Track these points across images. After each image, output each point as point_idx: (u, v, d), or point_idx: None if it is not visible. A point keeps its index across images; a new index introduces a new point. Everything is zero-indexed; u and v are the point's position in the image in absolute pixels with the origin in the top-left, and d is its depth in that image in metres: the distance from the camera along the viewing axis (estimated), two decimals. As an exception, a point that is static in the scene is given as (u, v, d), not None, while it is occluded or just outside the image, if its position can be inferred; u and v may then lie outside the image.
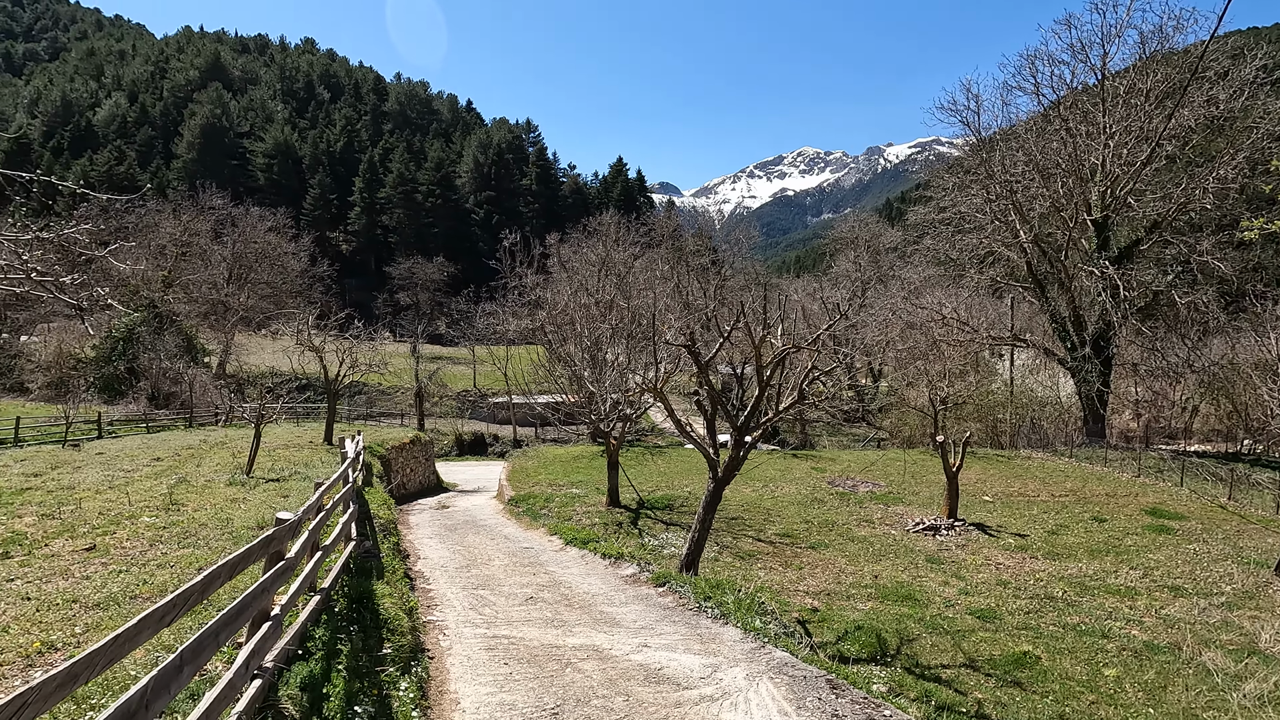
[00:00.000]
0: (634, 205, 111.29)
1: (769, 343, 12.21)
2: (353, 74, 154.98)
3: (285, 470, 18.52)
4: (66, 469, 18.19)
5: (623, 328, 23.08)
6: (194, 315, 51.73)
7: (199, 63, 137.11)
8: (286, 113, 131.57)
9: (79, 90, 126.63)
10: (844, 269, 56.32)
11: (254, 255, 58.53)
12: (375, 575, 8.42)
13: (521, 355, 42.75)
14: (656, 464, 27.10)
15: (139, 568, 9.38)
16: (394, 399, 53.57)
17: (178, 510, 12.96)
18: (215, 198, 64.05)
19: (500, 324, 48.65)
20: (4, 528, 11.41)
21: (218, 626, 3.46)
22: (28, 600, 8.14)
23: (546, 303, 34.61)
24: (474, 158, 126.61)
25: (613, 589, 10.07)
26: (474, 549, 13.53)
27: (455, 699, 6.23)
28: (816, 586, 13.62)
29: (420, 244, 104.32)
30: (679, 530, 16.65)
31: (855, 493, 21.04)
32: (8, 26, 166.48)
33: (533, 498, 19.50)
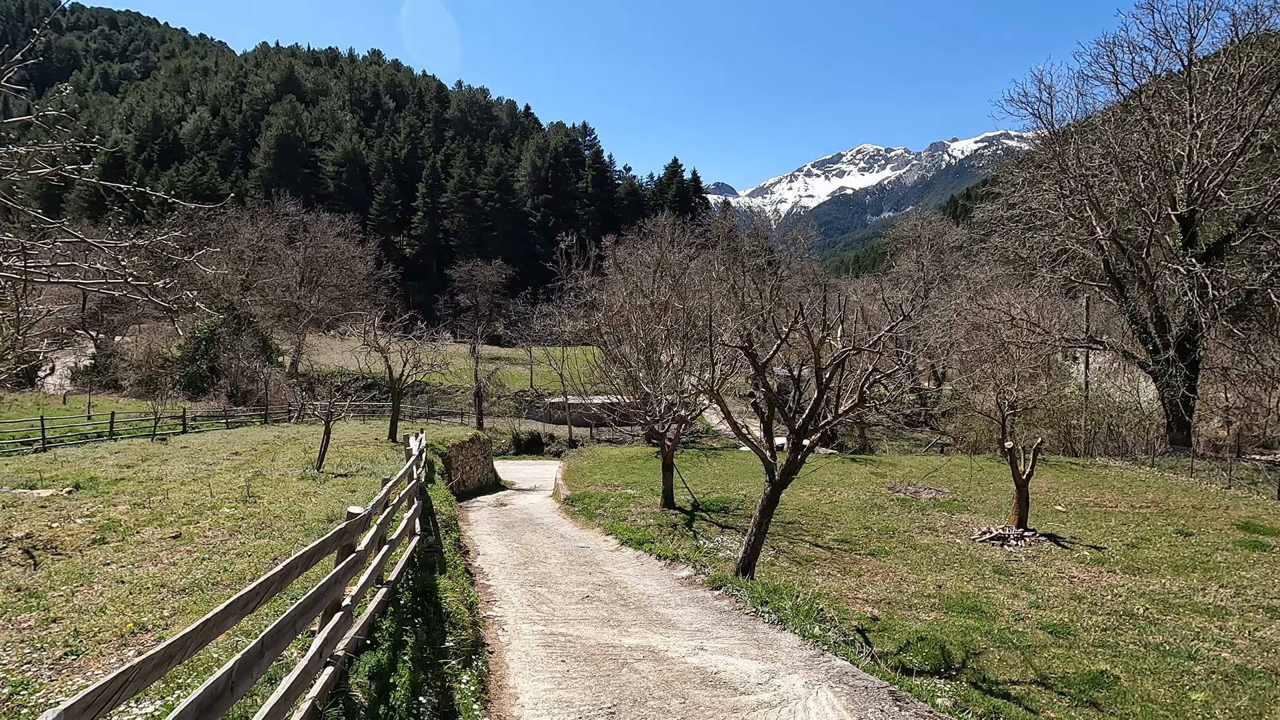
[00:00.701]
0: (689, 206, 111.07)
1: (828, 344, 11.99)
2: (416, 83, 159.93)
3: (353, 466, 19.26)
4: (155, 461, 19.39)
5: (678, 329, 23.07)
6: (269, 317, 54.42)
7: (274, 77, 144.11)
8: (354, 122, 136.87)
9: (167, 106, 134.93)
10: (905, 268, 54.73)
11: (324, 259, 61.14)
12: (438, 570, 8.66)
13: (577, 356, 43.23)
14: (711, 466, 26.95)
15: (220, 556, 9.92)
16: (454, 398, 55.00)
17: (254, 502, 13.64)
18: (289, 205, 67.23)
19: (557, 325, 49.34)
20: (102, 515, 12.25)
21: (295, 614, 3.63)
22: (122, 584, 8.71)
23: (602, 304, 34.95)
24: (531, 162, 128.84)
25: (668, 590, 10.07)
26: (531, 546, 13.76)
27: (514, 694, 6.35)
28: (876, 595, 13.28)
29: (480, 247, 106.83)
30: (734, 533, 16.52)
31: (917, 499, 20.42)
32: (106, 49, 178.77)
33: (588, 497, 19.68)
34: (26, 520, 11.78)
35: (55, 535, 10.93)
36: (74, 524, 11.64)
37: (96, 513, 12.42)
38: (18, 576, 8.88)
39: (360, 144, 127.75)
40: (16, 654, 6.69)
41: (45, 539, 10.70)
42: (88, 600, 8.10)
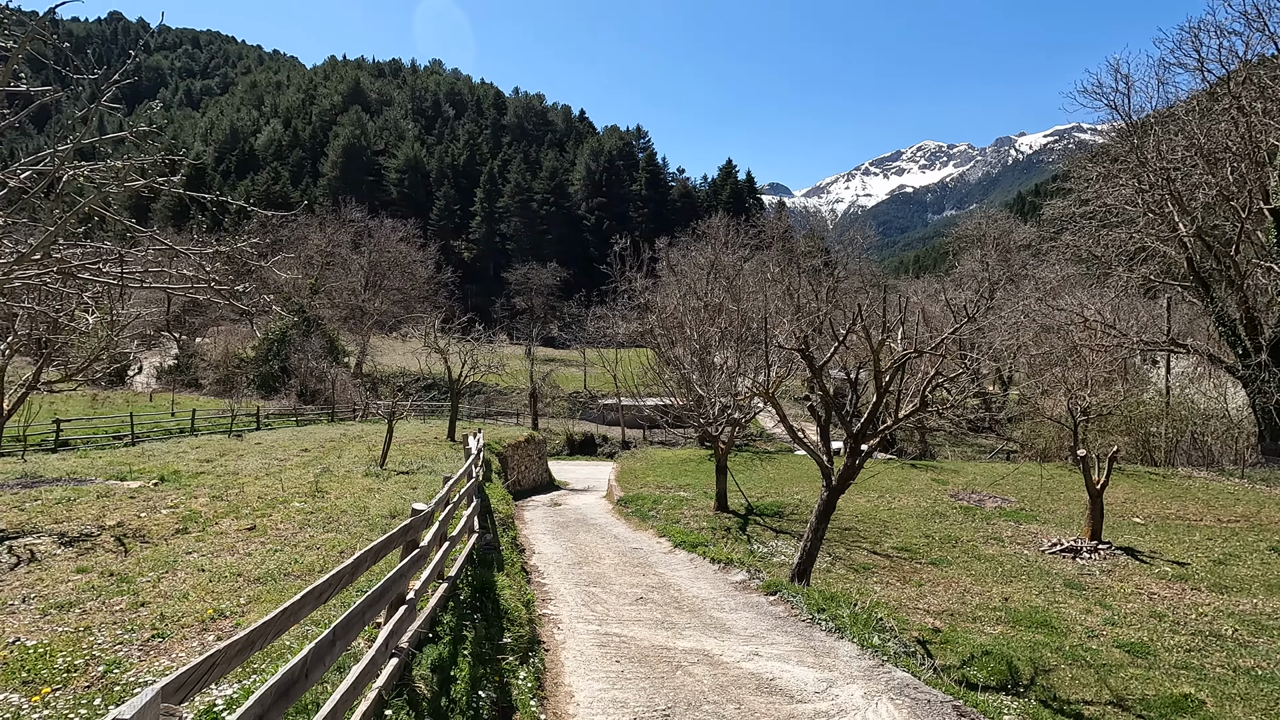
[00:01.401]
0: (743, 207, 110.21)
1: (888, 347, 11.69)
2: (474, 90, 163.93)
3: (413, 464, 19.84)
4: (231, 456, 20.41)
5: (732, 331, 22.89)
6: (336, 319, 56.67)
7: (341, 89, 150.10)
8: (416, 130, 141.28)
9: (243, 119, 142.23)
10: (969, 268, 52.85)
11: (387, 263, 63.28)
12: (496, 567, 8.83)
13: (631, 358, 43.41)
14: (765, 470, 26.63)
15: (291, 548, 10.36)
16: (510, 399, 56.02)
17: (322, 497, 14.21)
18: (354, 211, 69.89)
19: (610, 327, 49.69)
20: (184, 507, 12.97)
21: (364, 606, 3.77)
22: (202, 572, 9.20)
23: (655, 306, 34.99)
24: (586, 165, 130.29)
25: (722, 594, 10.00)
26: (585, 546, 13.88)
27: (570, 692, 6.42)
28: (938, 605, 12.85)
29: (535, 250, 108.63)
30: (789, 538, 16.28)
31: (982, 507, 19.68)
32: (189, 67, 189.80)
33: (641, 499, 19.73)
34: (118, 510, 12.59)
35: (143, 524, 11.64)
36: (159, 514, 12.37)
37: (179, 504, 13.16)
38: (110, 562, 9.49)
39: (421, 151, 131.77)
40: (110, 635, 7.16)
41: (134, 528, 11.41)
42: (172, 586, 8.59)
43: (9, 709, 5.21)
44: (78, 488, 14.69)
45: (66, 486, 14.84)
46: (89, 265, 5.60)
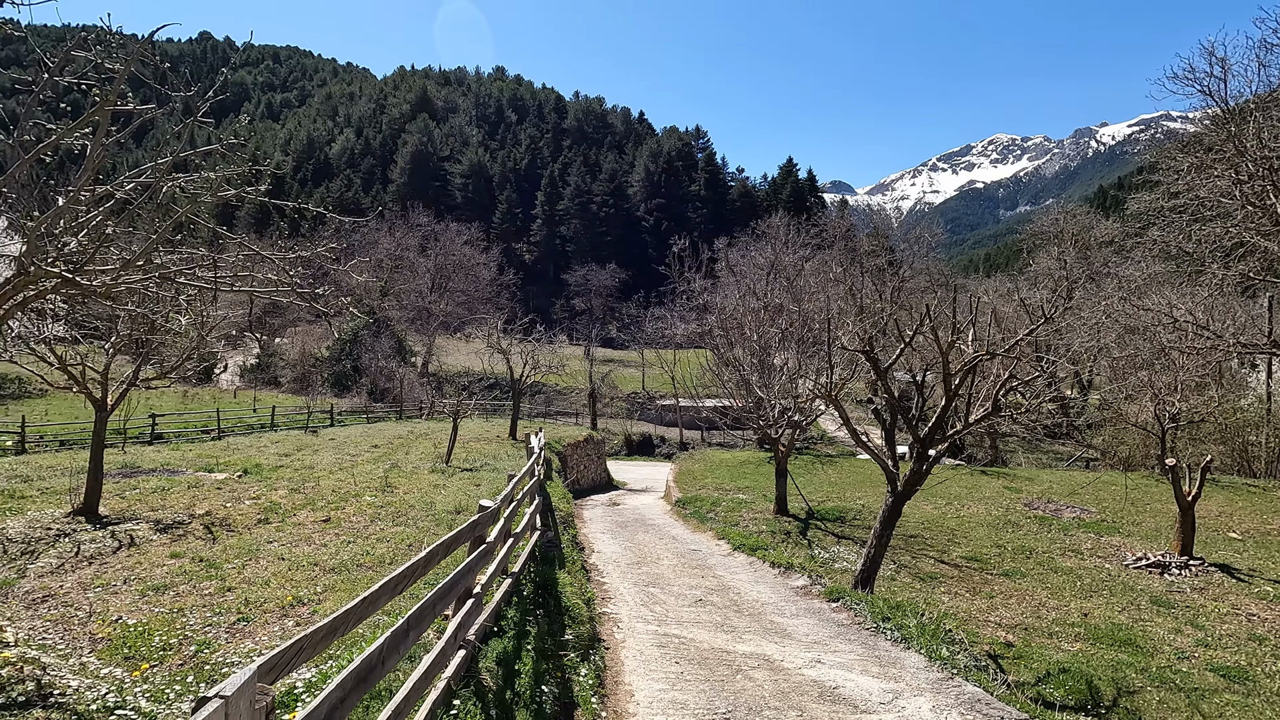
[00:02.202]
0: (804, 206, 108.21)
1: (958, 348, 11.28)
2: (536, 96, 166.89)
3: (477, 461, 20.35)
4: (307, 451, 21.41)
5: (793, 332, 22.53)
6: (404, 320, 58.73)
7: (410, 97, 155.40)
8: (480, 136, 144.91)
9: (319, 129, 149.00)
10: (1045, 266, 50.37)
11: (452, 266, 65.16)
12: (557, 564, 8.97)
13: (689, 359, 43.31)
14: (826, 473, 26.10)
15: (362, 540, 10.79)
16: (569, 399, 56.75)
17: (391, 492, 14.75)
18: (421, 216, 72.26)
19: (668, 328, 49.71)
20: (265, 498, 13.69)
21: (435, 599, 3.90)
22: (282, 560, 9.69)
23: (714, 307, 34.77)
24: (645, 167, 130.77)
25: (783, 599, 9.86)
26: (644, 547, 13.93)
27: (630, 691, 6.46)
28: (1010, 619, 12.31)
29: (594, 252, 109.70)
30: (851, 544, 15.90)
31: (1058, 518, 18.73)
32: (270, 81, 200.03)
33: (699, 500, 19.65)
34: (206, 500, 13.40)
35: (229, 514, 12.34)
36: (243, 505, 13.10)
37: (261, 495, 13.91)
38: (200, 549, 10.11)
39: (485, 156, 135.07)
40: (200, 617, 7.62)
41: (220, 517, 12.11)
42: (255, 573, 9.08)
43: (114, 681, 5.61)
44: (171, 478, 15.71)
45: (161, 477, 15.89)
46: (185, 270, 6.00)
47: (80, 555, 9.58)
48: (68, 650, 6.54)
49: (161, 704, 5.24)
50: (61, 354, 12.29)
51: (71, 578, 8.70)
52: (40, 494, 13.30)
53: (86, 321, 14.49)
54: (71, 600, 7.97)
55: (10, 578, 8.54)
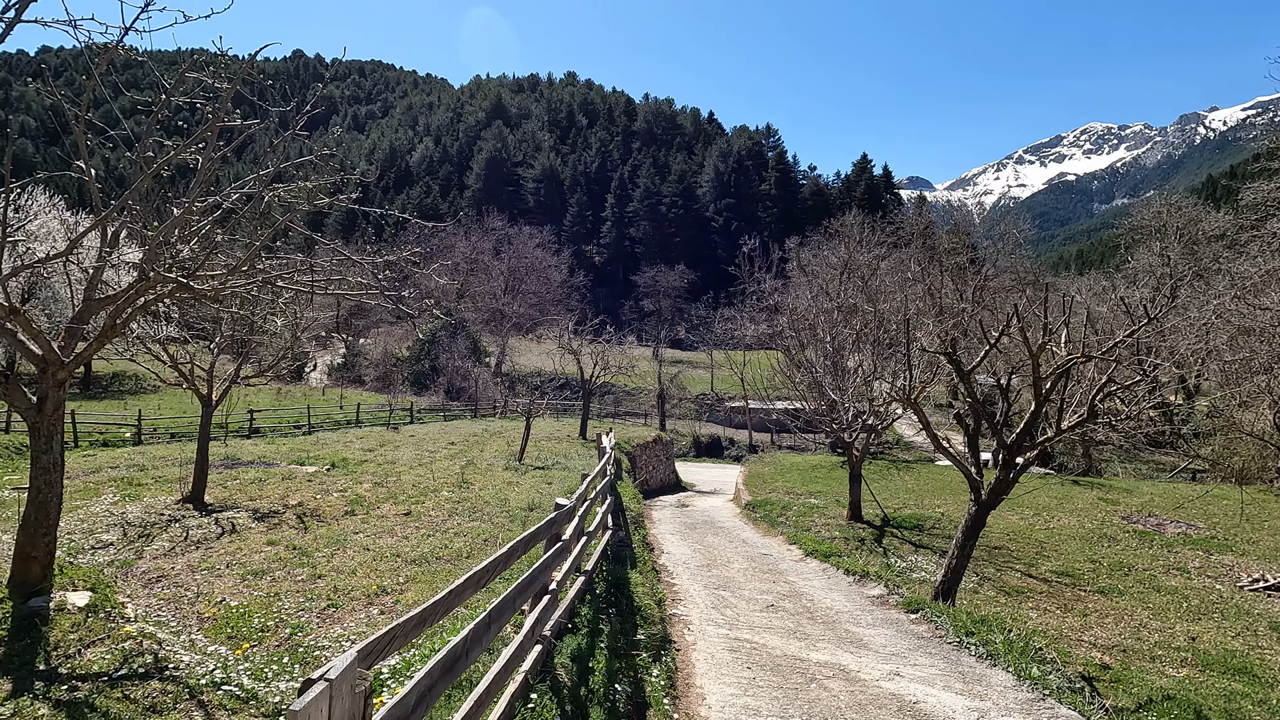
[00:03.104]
0: (879, 204, 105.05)
1: (1049, 350, 10.67)
2: (606, 99, 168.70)
3: (549, 460, 20.73)
4: (389, 447, 22.34)
5: (867, 333, 21.87)
6: (478, 322, 60.53)
7: (485, 105, 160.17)
8: (551, 141, 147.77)
9: (400, 139, 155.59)
10: (1146, 263, 46.93)
11: (525, 269, 66.72)
12: (629, 564, 9.02)
13: (759, 360, 42.76)
14: (903, 479, 25.21)
15: (441, 534, 11.17)
16: (638, 399, 57.04)
17: (467, 488, 15.21)
18: (495, 220, 74.35)
19: (738, 329, 49.25)
20: (351, 491, 14.37)
21: (514, 594, 4.00)
22: (367, 551, 10.14)
23: (785, 307, 34.18)
24: (714, 167, 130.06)
25: (858, 608, 9.59)
26: (713, 549, 13.83)
27: (701, 694, 6.42)
28: (1106, 639, 11.53)
29: (663, 253, 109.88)
30: (929, 554, 15.30)
31: (1161, 533, 17.43)
32: (356, 94, 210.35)
33: (770, 504, 19.36)
34: (299, 491, 14.19)
35: (319, 505, 13.03)
36: (331, 497, 13.81)
37: (347, 488, 14.61)
38: (293, 537, 10.71)
39: (556, 161, 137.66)
40: (293, 602, 8.07)
41: (311, 508, 12.80)
42: (342, 562, 9.55)
43: (219, 659, 6.02)
44: (267, 470, 16.73)
45: (258, 468, 16.95)
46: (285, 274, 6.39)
47: (188, 540, 10.33)
48: (179, 628, 7.06)
49: (261, 682, 5.59)
50: (173, 353, 13.30)
51: (181, 560, 9.40)
52: (154, 482, 14.43)
53: (194, 323, 15.65)
54: (181, 581, 8.61)
55: (130, 558, 9.30)
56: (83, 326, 6.13)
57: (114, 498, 12.77)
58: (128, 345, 14.25)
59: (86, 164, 6.05)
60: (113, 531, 10.51)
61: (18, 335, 5.54)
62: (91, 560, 9.00)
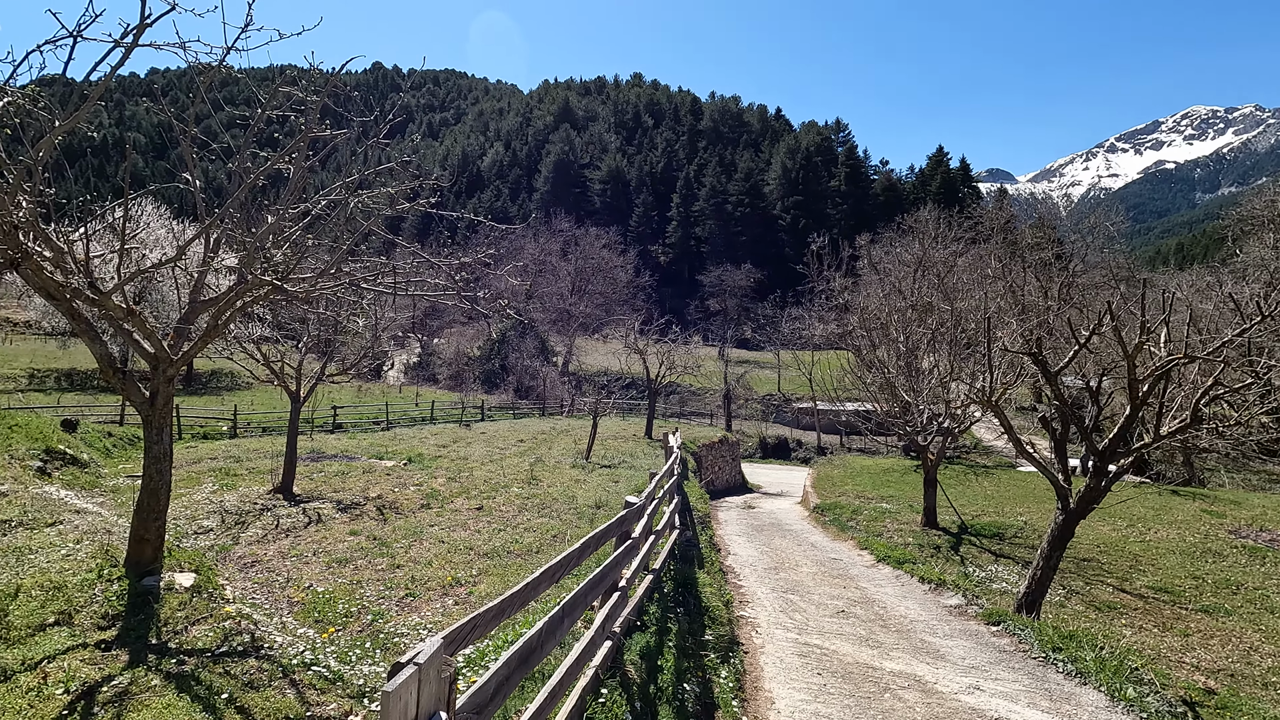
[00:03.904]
0: (956, 198, 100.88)
1: (1146, 351, 10.00)
2: (672, 99, 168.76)
3: (615, 459, 20.91)
4: (462, 443, 23.04)
5: (943, 333, 21.05)
6: (546, 322, 61.69)
7: (553, 109, 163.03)
8: (618, 142, 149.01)
9: (472, 144, 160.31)
10: (1257, 256, 43.21)
11: (591, 269, 67.57)
12: (696, 564, 9.00)
13: (828, 361, 41.83)
14: (982, 485, 24.15)
15: (511, 528, 11.44)
16: (703, 399, 56.80)
17: (536, 484, 15.51)
18: (563, 222, 75.61)
19: (806, 329, 48.33)
20: (427, 485, 14.90)
21: (585, 590, 4.06)
22: (442, 543, 10.49)
23: (855, 306, 33.30)
24: (781, 164, 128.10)
25: (934, 618, 9.24)
26: (781, 552, 13.63)
27: (770, 698, 6.34)
28: (1211, 662, 10.70)
29: (729, 252, 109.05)
30: (1011, 564, 14.59)
31: (1275, 549, 16.04)
32: (431, 103, 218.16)
33: (839, 507, 18.92)
34: (378, 484, 14.82)
35: (397, 498, 13.58)
36: (408, 490, 14.36)
37: (423, 483, 15.16)
38: (373, 528, 11.20)
39: (622, 162, 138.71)
40: (374, 590, 8.43)
41: (390, 500, 13.35)
42: (419, 553, 9.92)
43: (307, 641, 6.36)
44: (349, 463, 17.56)
45: (341, 462, 17.81)
46: (368, 277, 6.71)
47: (279, 528, 10.96)
48: (271, 610, 7.50)
49: (346, 665, 5.87)
50: (265, 352, 14.14)
51: (273, 547, 9.98)
52: (248, 473, 15.38)
53: (284, 324, 16.60)
54: (273, 566, 9.14)
55: (228, 544, 9.95)
56: (188, 327, 6.61)
57: (213, 487, 13.68)
58: (226, 344, 15.25)
59: (192, 176, 6.52)
60: (212, 518, 11.27)
61: (134, 335, 6.02)
62: (195, 544, 9.67)
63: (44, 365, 41.18)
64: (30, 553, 7.21)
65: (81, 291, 5.31)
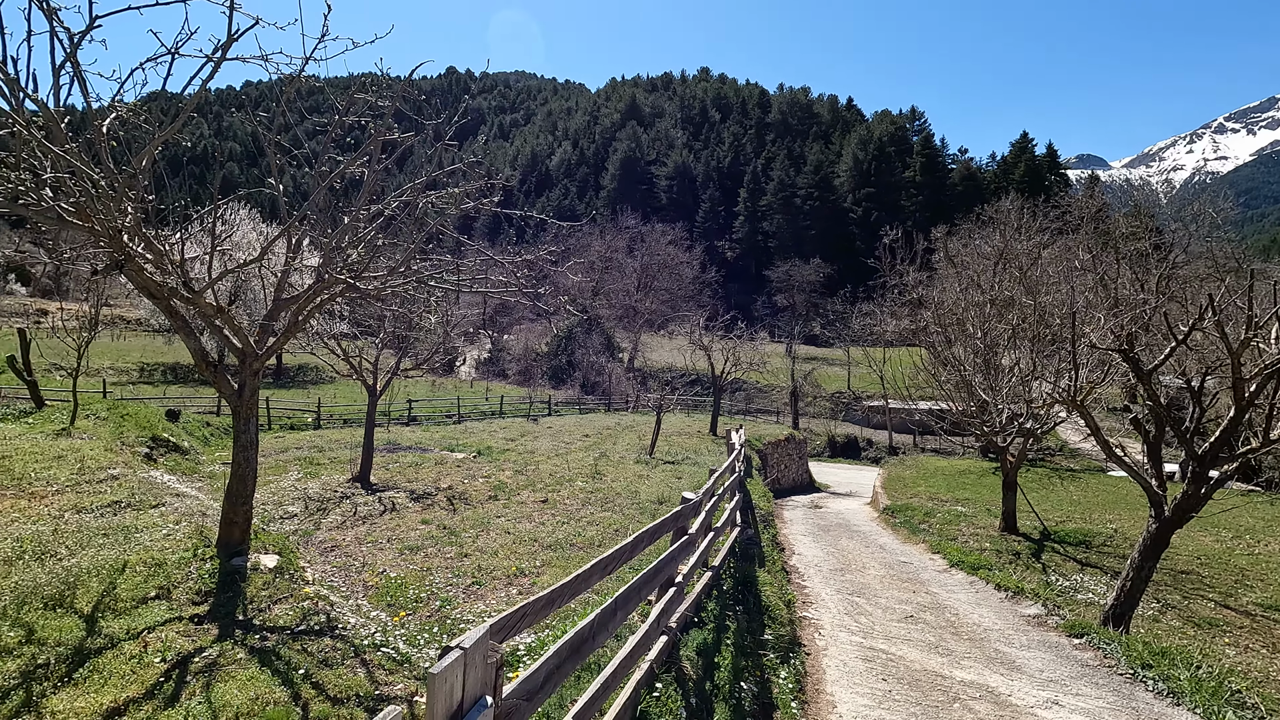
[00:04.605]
0: (1042, 186, 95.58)
1: (1254, 348, 9.20)
2: (739, 92, 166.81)
3: (678, 455, 20.90)
4: (529, 437, 23.54)
5: (1025, 328, 19.98)
6: (612, 318, 62.22)
7: (619, 107, 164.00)
8: (684, 138, 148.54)
9: (540, 144, 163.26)
10: (1392, 244, 39.05)
11: (657, 266, 67.66)
12: (757, 562, 8.90)
13: (900, 358, 40.49)
14: (1067, 490, 22.85)
15: (575, 522, 11.61)
16: (770, 396, 56.03)
17: (600, 479, 15.69)
18: (629, 219, 75.98)
19: (877, 325, 46.86)
20: (495, 477, 15.30)
21: (640, 584, 4.08)
22: (508, 534, 10.75)
23: (930, 301, 32.05)
24: (853, 155, 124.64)
25: (1010, 627, 8.82)
26: (847, 553, 13.30)
27: (831, 701, 6.20)
28: (1330, 689, 9.77)
29: (797, 247, 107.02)
30: (1097, 574, 13.74)
31: None
32: (501, 105, 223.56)
33: (910, 509, 18.29)
34: (449, 476, 15.33)
35: (466, 489, 14.00)
36: (477, 482, 14.79)
37: (491, 475, 15.59)
38: (444, 518, 11.59)
39: (689, 157, 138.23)
40: (443, 577, 8.73)
41: (460, 491, 13.78)
42: (486, 543, 10.20)
43: (379, 623, 6.65)
44: (422, 455, 18.23)
45: (415, 453, 18.51)
46: (435, 274, 6.95)
47: (356, 515, 11.51)
48: (348, 593, 7.88)
49: (414, 648, 6.11)
50: (345, 348, 14.85)
51: (350, 533, 10.49)
52: (330, 462, 16.21)
53: (362, 321, 17.39)
54: (350, 551, 9.60)
55: (309, 529, 10.52)
56: (273, 323, 7.02)
57: (298, 475, 14.49)
58: (308, 340, 16.10)
59: (277, 181, 6.92)
60: (297, 505, 11.94)
61: (224, 330, 6.45)
62: (279, 528, 10.28)
63: (153, 359, 44.61)
64: (136, 531, 7.83)
65: (177, 290, 5.73)
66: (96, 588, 6.10)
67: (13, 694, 4.40)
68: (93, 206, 4.95)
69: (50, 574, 6.34)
